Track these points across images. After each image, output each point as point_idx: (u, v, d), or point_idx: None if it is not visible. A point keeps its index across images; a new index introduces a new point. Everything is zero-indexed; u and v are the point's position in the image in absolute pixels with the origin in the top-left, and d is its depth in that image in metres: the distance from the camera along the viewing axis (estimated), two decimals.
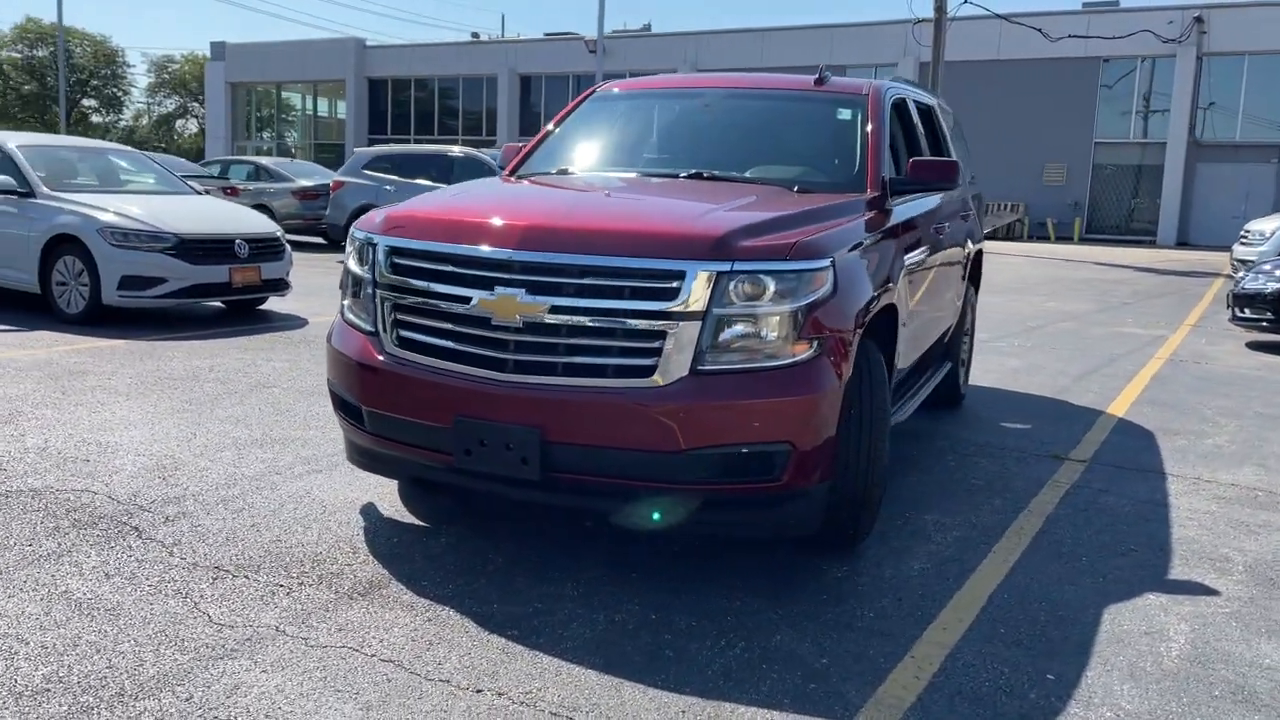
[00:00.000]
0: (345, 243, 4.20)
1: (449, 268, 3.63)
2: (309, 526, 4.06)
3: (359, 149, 16.97)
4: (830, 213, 4.01)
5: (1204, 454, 5.81)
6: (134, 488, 4.42)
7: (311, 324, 9.27)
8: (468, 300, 3.55)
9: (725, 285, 3.39)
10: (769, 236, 3.56)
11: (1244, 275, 11.01)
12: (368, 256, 3.87)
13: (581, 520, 4.19)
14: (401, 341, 3.74)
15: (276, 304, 10.20)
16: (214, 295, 9.02)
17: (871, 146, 4.63)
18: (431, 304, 3.66)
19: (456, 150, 15.98)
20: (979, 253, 6.90)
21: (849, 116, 4.82)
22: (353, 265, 3.99)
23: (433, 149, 16.51)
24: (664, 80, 5.57)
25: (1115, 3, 34.33)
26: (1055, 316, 12.38)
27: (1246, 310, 10.23)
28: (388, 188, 15.40)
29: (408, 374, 3.70)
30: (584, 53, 35.41)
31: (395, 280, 3.76)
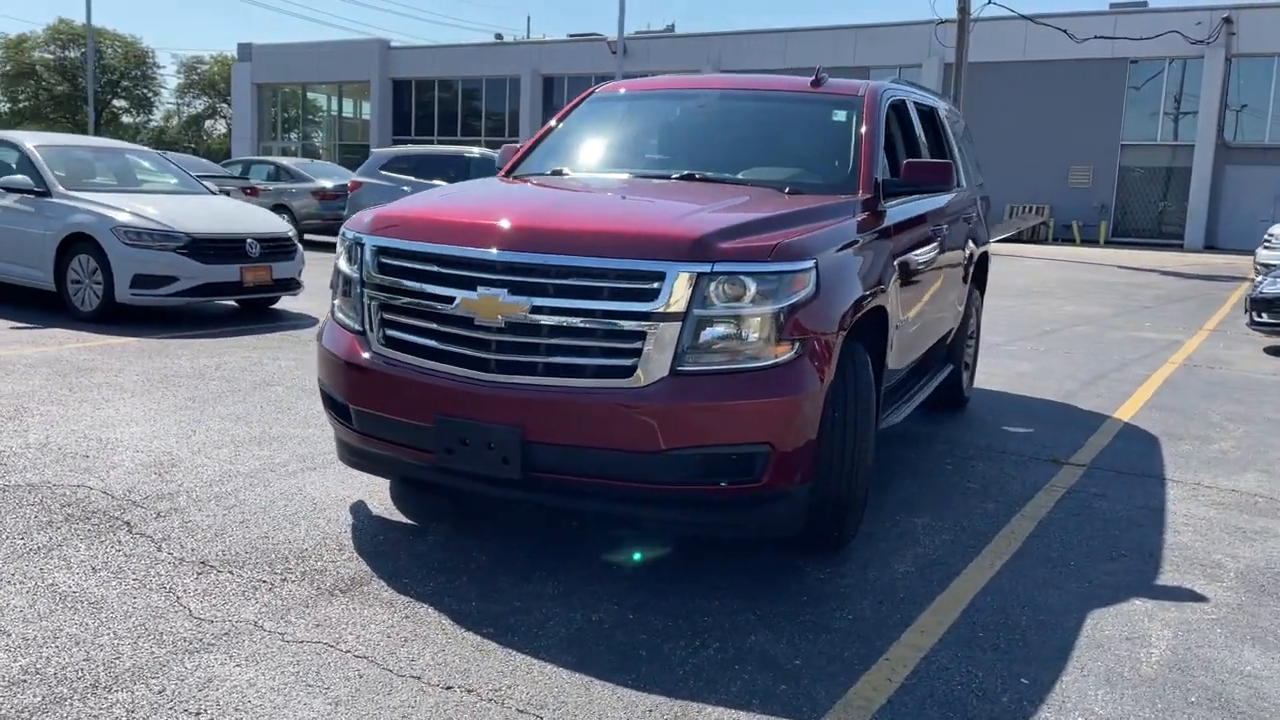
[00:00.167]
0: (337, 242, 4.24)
1: (434, 268, 3.65)
2: (297, 523, 4.10)
3: (376, 150, 17.08)
4: (817, 214, 4.01)
5: (1207, 459, 5.75)
6: (130, 483, 4.48)
7: (322, 323, 9.33)
8: (451, 300, 3.58)
9: (705, 286, 3.40)
10: (751, 238, 3.56)
11: (1262, 279, 10.88)
12: (356, 256, 3.91)
13: (568, 520, 4.21)
14: (388, 341, 3.78)
15: (289, 303, 10.28)
16: (225, 294, 9.11)
17: (865, 148, 4.61)
18: (417, 303, 3.69)
19: (474, 151, 16.04)
20: (984, 255, 6.86)
21: (844, 118, 4.81)
22: (342, 265, 4.03)
23: (450, 150, 16.60)
24: (662, 81, 5.58)
25: (1143, 3, 34.02)
26: (1072, 320, 12.28)
27: (1264, 315, 10.11)
28: (405, 188, 15.43)
29: (393, 373, 3.73)
30: (607, 53, 35.44)
31: (382, 280, 3.79)
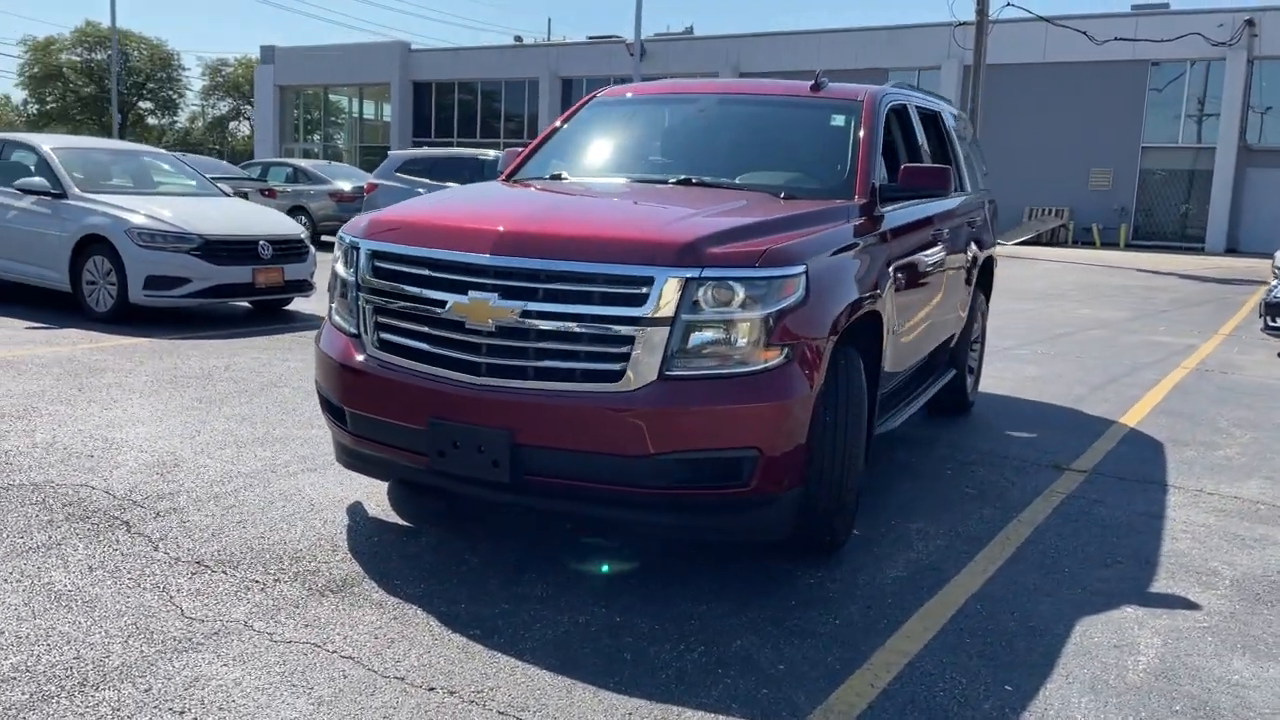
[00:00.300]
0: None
1: (426, 272, 3.68)
2: (294, 524, 4.14)
3: (393, 152, 17.19)
4: (811, 219, 4.02)
5: (1211, 466, 5.71)
6: (131, 483, 4.53)
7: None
8: (443, 304, 3.61)
9: (694, 291, 3.41)
10: (740, 243, 3.58)
11: (1277, 284, 10.79)
12: (352, 260, 3.94)
13: (561, 522, 4.23)
14: (382, 344, 3.81)
15: (301, 305, 10.36)
16: (237, 295, 9.19)
17: (862, 153, 4.61)
18: (409, 307, 3.72)
19: (489, 153, 16.11)
20: (989, 259, 6.84)
21: (842, 123, 4.82)
22: (339, 268, 4.06)
23: (465, 152, 16.67)
24: (664, 86, 5.60)
25: (1165, 5, 33.75)
26: (1086, 324, 12.21)
27: (1278, 319, 10.02)
28: (420, 190, 15.55)
29: (387, 376, 3.76)
30: (625, 56, 35.46)
31: (377, 283, 3.83)
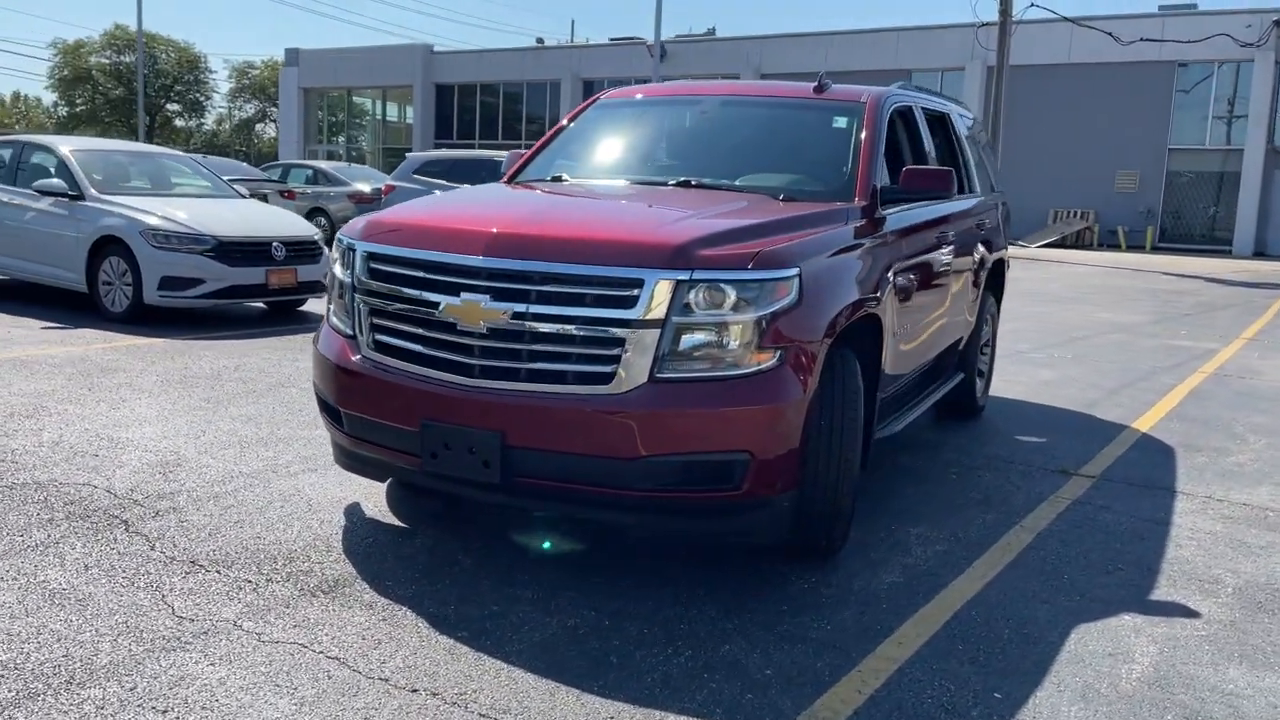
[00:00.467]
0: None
1: (419, 273, 3.69)
2: (290, 524, 4.16)
3: (410, 154, 17.27)
4: (807, 221, 3.99)
5: (1222, 472, 5.64)
6: (133, 482, 4.56)
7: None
8: (436, 305, 3.61)
9: (685, 294, 3.40)
10: (733, 245, 3.56)
11: None
12: (349, 261, 3.96)
13: (556, 523, 4.22)
14: (377, 345, 3.82)
15: (316, 306, 10.41)
16: (251, 296, 9.25)
17: (864, 155, 4.58)
18: (403, 309, 3.73)
19: (504, 155, 16.13)
20: (999, 262, 6.78)
21: (844, 124, 4.79)
22: (337, 270, 4.07)
23: (482, 154, 16.74)
24: (668, 87, 5.59)
25: (1193, 5, 33.40)
26: (1105, 327, 12.09)
27: None
28: (437, 192, 15.62)
29: (381, 377, 3.77)
30: (647, 57, 35.46)
31: (372, 285, 3.84)
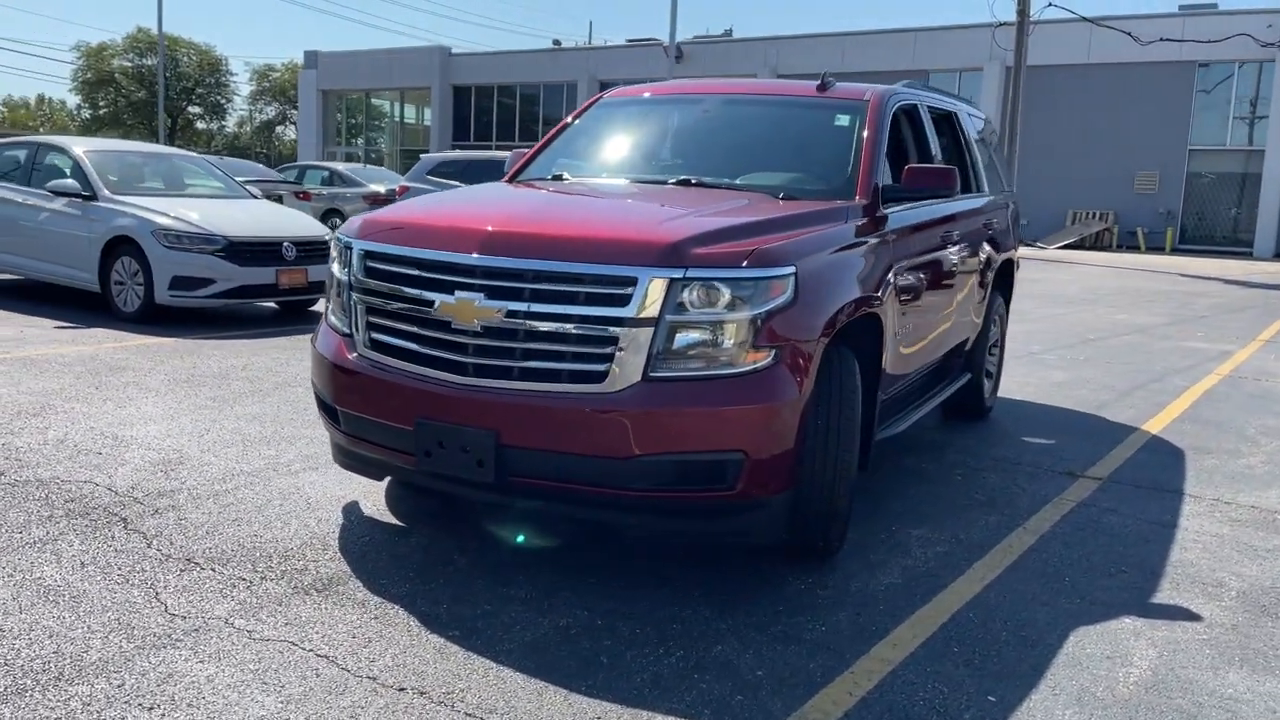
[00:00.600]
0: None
1: (415, 272, 3.68)
2: (289, 522, 4.16)
3: (424, 155, 17.32)
4: (806, 220, 3.97)
5: (1232, 474, 5.57)
6: (134, 480, 4.58)
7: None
8: (431, 304, 3.60)
9: (678, 292, 3.38)
10: (727, 244, 3.54)
11: None
12: (346, 260, 3.96)
13: (554, 522, 4.20)
14: (373, 344, 3.82)
15: None
16: (261, 296, 9.28)
17: (865, 153, 4.55)
18: (399, 307, 3.72)
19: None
20: (1008, 262, 6.72)
21: (846, 123, 4.75)
22: (335, 269, 4.07)
23: (495, 155, 16.76)
24: (670, 86, 5.56)
25: (1213, 5, 33.09)
26: (1120, 329, 11.98)
27: None
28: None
29: (377, 376, 3.77)
30: (664, 58, 35.43)
31: (368, 284, 3.83)
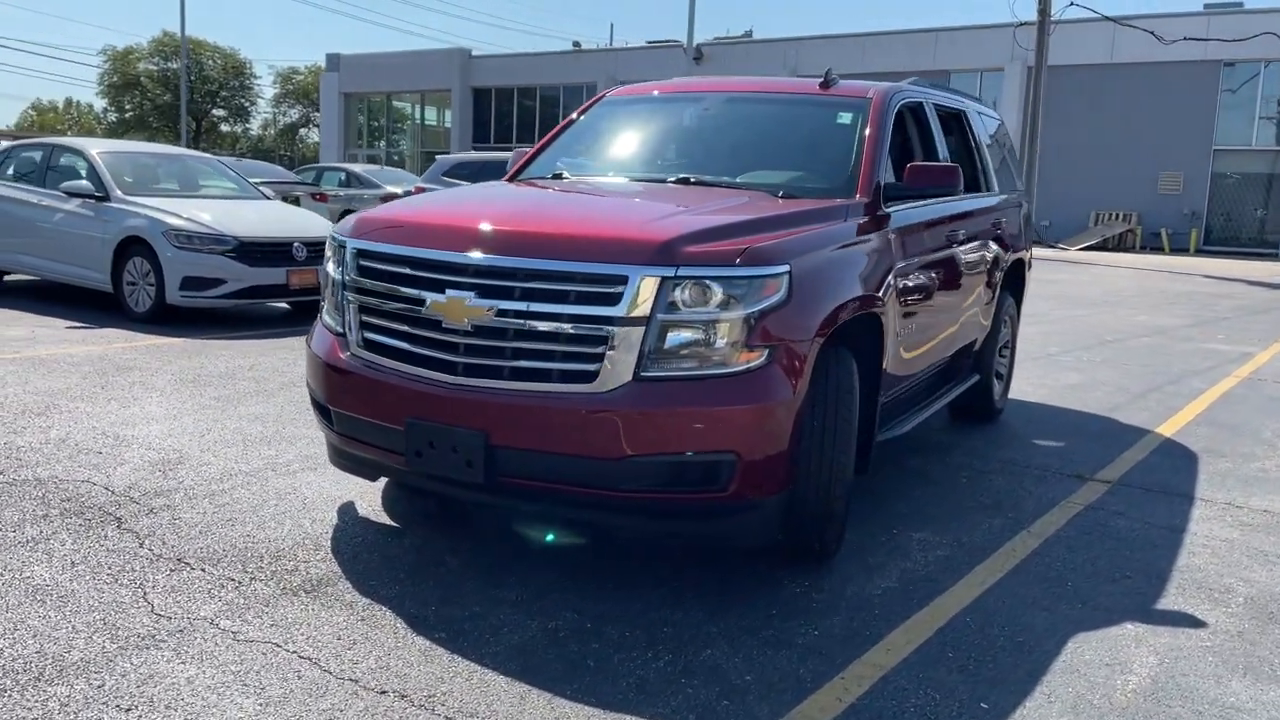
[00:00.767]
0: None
1: (406, 270, 3.65)
2: (282, 522, 4.14)
3: (440, 156, 17.34)
4: (803, 218, 3.91)
5: (1246, 478, 5.46)
6: (132, 480, 4.57)
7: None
8: (422, 302, 3.57)
9: (670, 291, 3.33)
10: (720, 242, 3.49)
11: None
12: (340, 259, 3.93)
13: (549, 523, 4.16)
14: (365, 343, 3.79)
15: None
16: (272, 296, 9.30)
17: (867, 151, 4.49)
18: (391, 306, 3.70)
19: None
20: (1019, 262, 6.63)
21: (848, 120, 4.69)
22: (329, 268, 4.05)
23: (510, 156, 16.75)
24: (673, 84, 5.51)
25: (1239, 4, 32.72)
26: (1140, 330, 11.84)
27: None
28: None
29: (368, 375, 3.74)
30: (683, 60, 35.42)
31: (361, 282, 3.80)
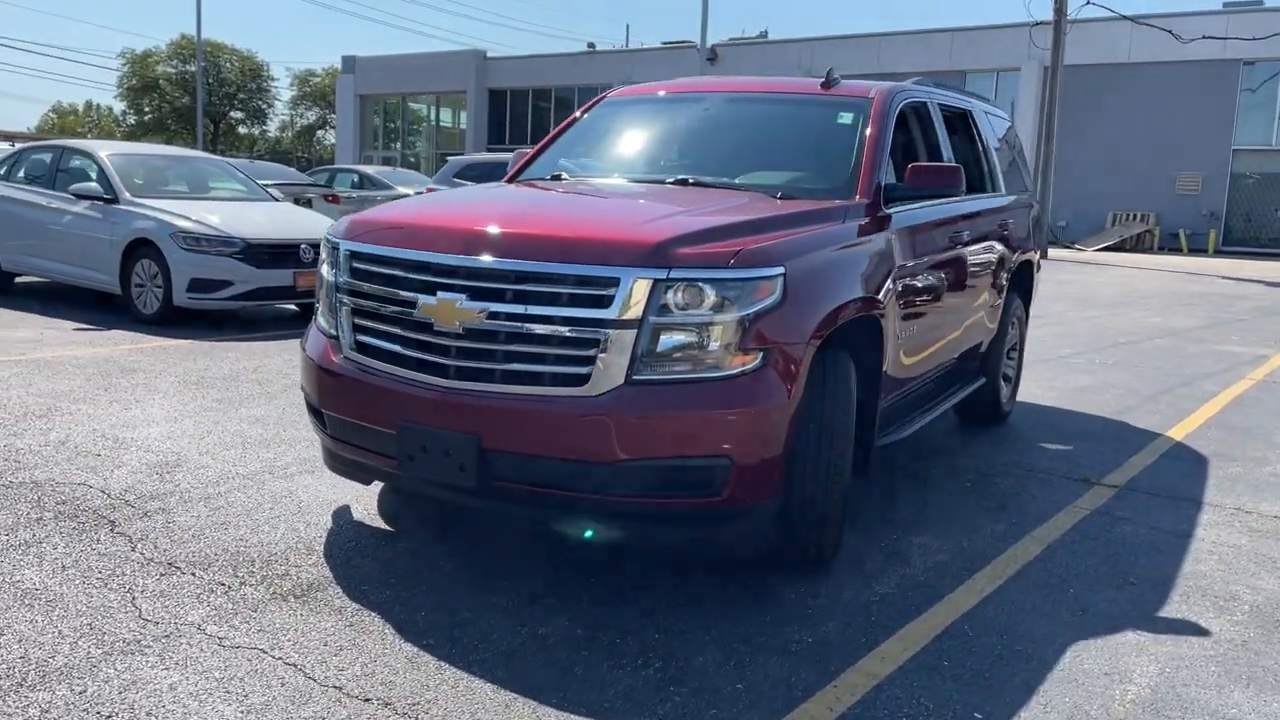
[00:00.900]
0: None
1: (398, 272, 3.62)
2: (276, 526, 4.11)
3: (452, 158, 17.34)
4: (800, 219, 3.87)
5: (1256, 483, 5.37)
6: (129, 483, 4.56)
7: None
8: (413, 305, 3.54)
9: (662, 293, 3.29)
10: (714, 244, 3.44)
11: None
12: (334, 261, 3.91)
13: (547, 527, 4.12)
14: (358, 346, 3.76)
15: None
16: (279, 298, 9.30)
17: (868, 152, 4.43)
18: (383, 308, 3.67)
19: None
20: (1026, 263, 6.55)
21: (849, 121, 4.64)
22: (324, 270, 4.03)
23: None
24: (674, 85, 5.47)
25: (1259, 2, 32.40)
26: (1152, 332, 11.71)
27: None
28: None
29: (361, 378, 3.71)
30: (699, 61, 35.33)
31: (353, 285, 3.78)
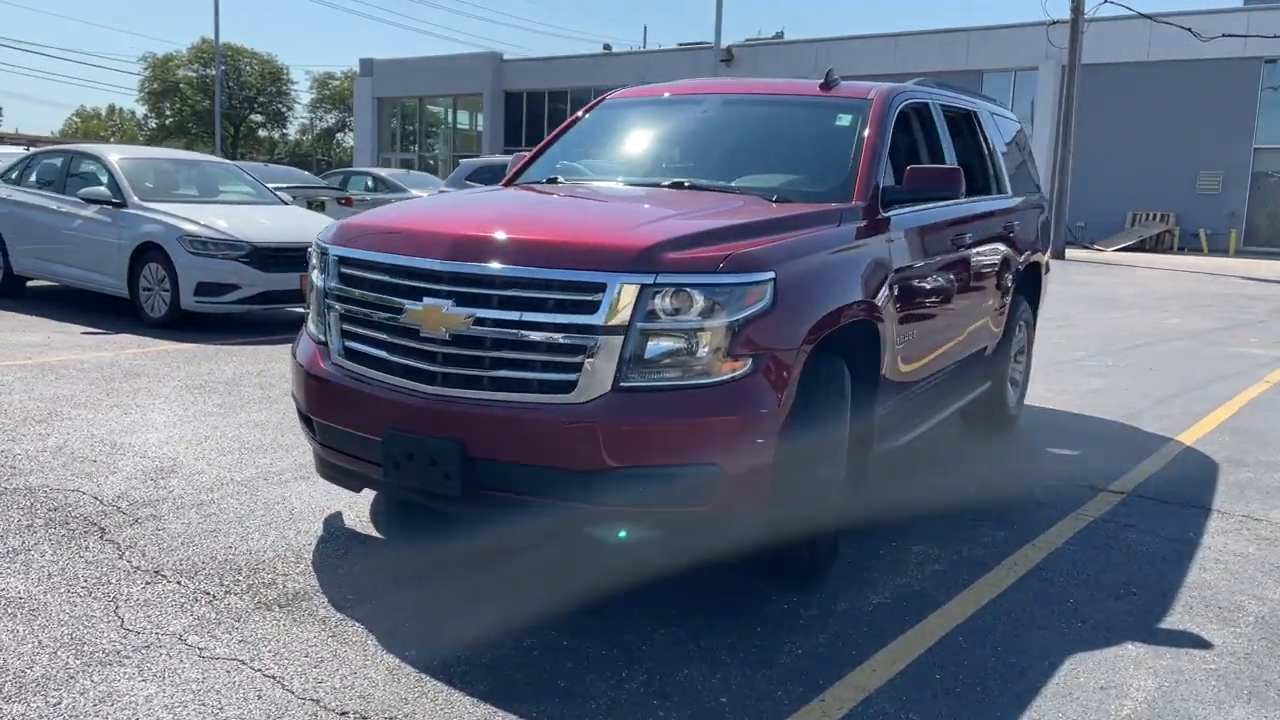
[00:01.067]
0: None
1: (385, 278, 3.58)
2: (266, 533, 4.09)
3: (464, 160, 17.33)
4: (795, 223, 3.80)
5: (1267, 490, 5.27)
6: (122, 489, 4.54)
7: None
8: (400, 310, 3.50)
9: (649, 299, 3.24)
10: (703, 248, 3.38)
11: None
12: (323, 266, 3.87)
13: (542, 535, 4.08)
14: (346, 352, 3.73)
15: None
16: (286, 302, 9.30)
17: (865, 154, 4.36)
18: (370, 314, 3.63)
19: None
20: (1034, 266, 6.45)
21: (847, 122, 4.57)
22: (314, 275, 3.99)
23: None
24: (673, 87, 5.41)
25: None
26: (1169, 334, 11.57)
27: None
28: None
29: (348, 385, 3.67)
30: (715, 62, 35.26)
31: (342, 290, 3.74)
